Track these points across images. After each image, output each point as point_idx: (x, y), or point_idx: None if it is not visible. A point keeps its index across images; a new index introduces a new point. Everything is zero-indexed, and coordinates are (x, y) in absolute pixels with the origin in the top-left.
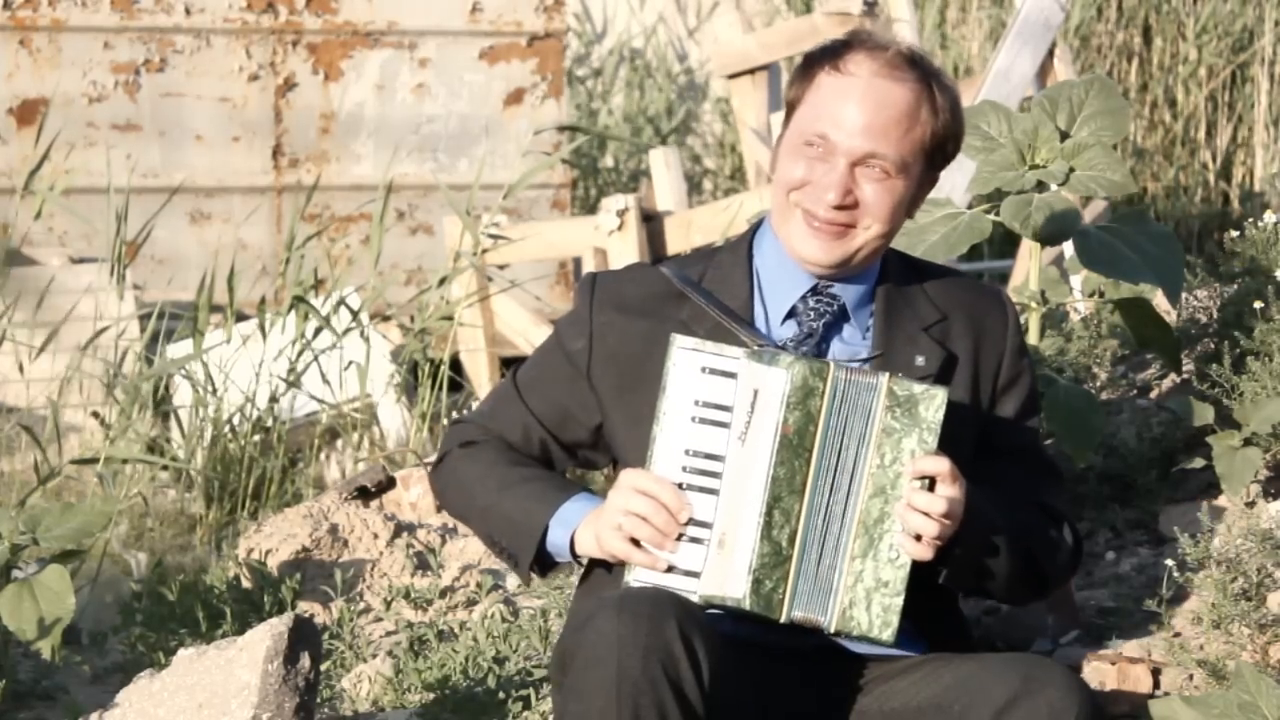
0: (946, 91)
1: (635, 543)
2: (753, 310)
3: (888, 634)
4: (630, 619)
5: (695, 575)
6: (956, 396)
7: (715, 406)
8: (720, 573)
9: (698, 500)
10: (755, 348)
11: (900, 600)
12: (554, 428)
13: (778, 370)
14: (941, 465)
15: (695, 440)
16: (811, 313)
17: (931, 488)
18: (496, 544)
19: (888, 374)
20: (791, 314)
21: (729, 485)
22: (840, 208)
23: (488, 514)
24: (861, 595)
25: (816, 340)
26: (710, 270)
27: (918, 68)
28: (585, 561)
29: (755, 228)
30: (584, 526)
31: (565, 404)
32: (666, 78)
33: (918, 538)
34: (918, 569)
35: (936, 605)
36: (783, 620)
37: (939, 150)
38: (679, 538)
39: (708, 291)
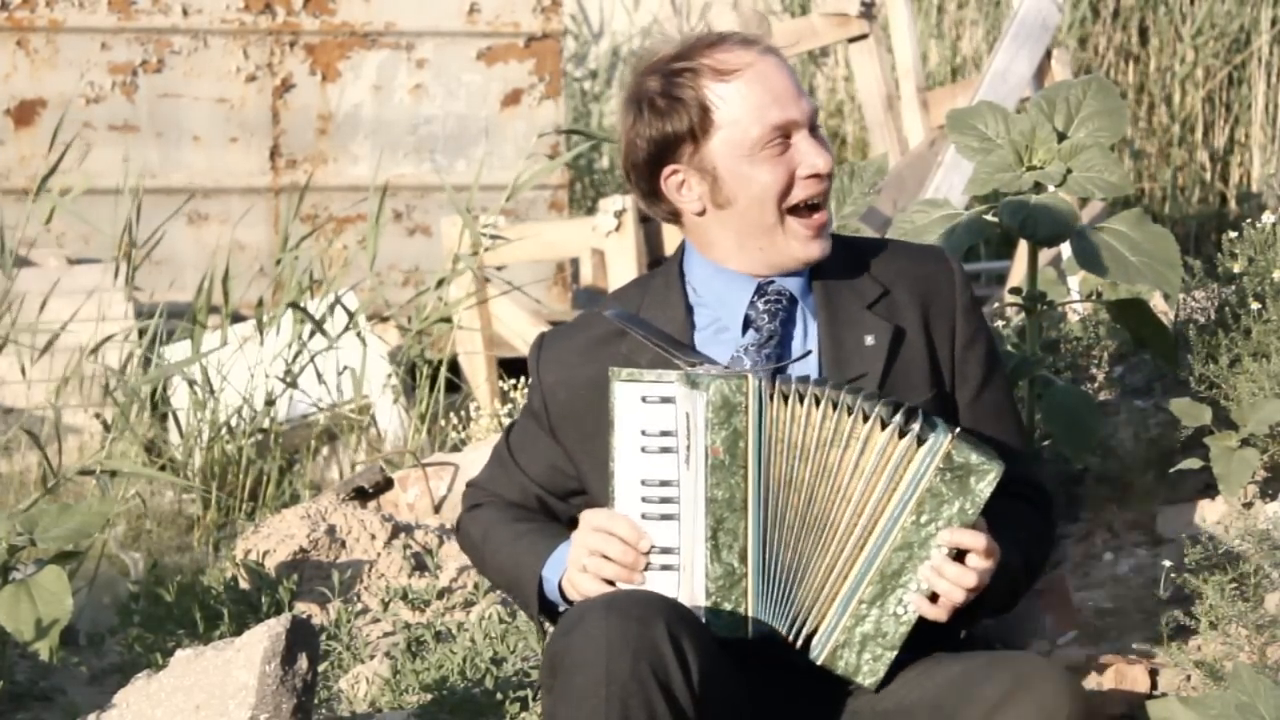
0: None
1: (612, 581)
2: (693, 328)
3: (870, 681)
4: (619, 621)
5: None
6: (916, 367)
7: (661, 433)
8: (688, 597)
9: (662, 528)
10: (686, 369)
11: (893, 654)
12: (546, 483)
13: (698, 393)
14: (979, 541)
15: (648, 470)
16: (765, 315)
17: (960, 557)
18: (514, 599)
19: (950, 435)
20: (748, 323)
21: (684, 510)
22: (829, 174)
23: (497, 572)
24: (856, 638)
25: (778, 341)
26: (646, 298)
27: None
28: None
29: (681, 251)
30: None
31: (549, 459)
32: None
33: (933, 597)
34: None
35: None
36: (750, 636)
37: None
38: (647, 567)
39: (644, 321)
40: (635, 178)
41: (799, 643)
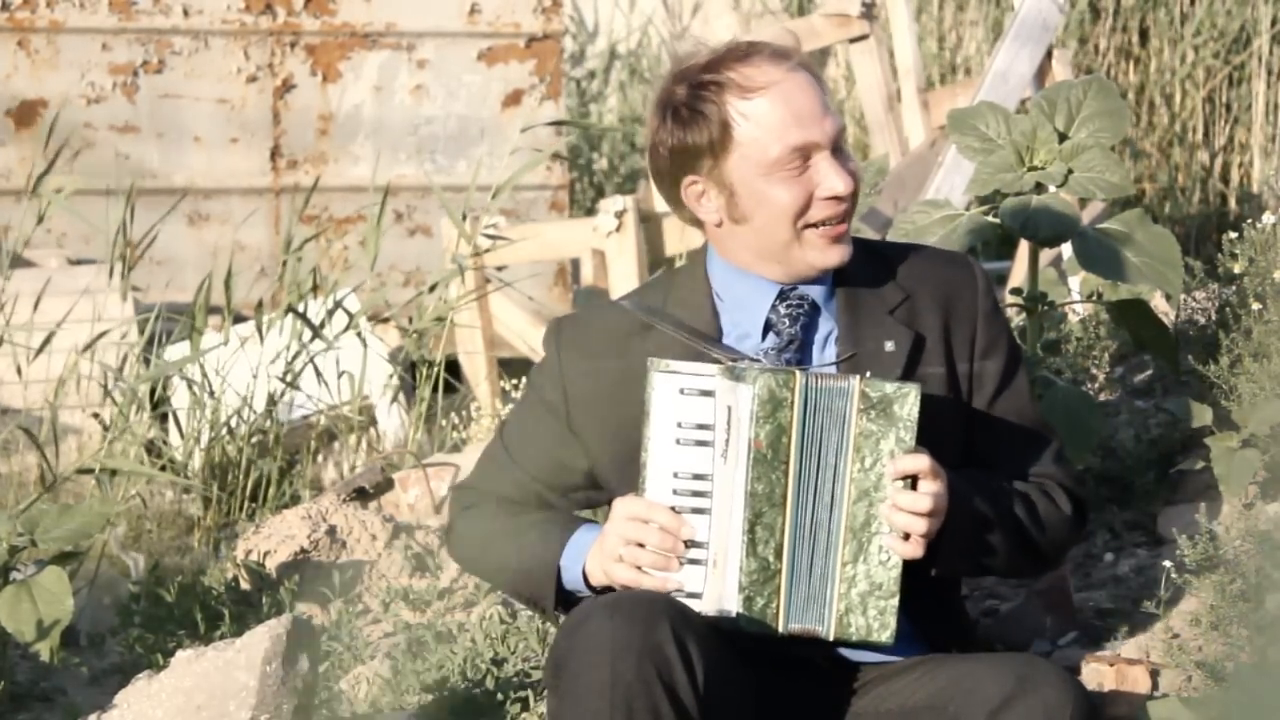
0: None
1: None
2: (720, 329)
3: (885, 635)
4: (624, 622)
5: (697, 597)
6: (934, 374)
7: (697, 426)
8: (717, 592)
9: (692, 521)
10: (728, 363)
11: (895, 601)
12: (547, 479)
13: (744, 386)
14: (921, 463)
15: (682, 462)
16: (786, 320)
17: (914, 486)
18: (520, 595)
19: (858, 376)
20: (769, 327)
21: (718, 504)
22: (850, 195)
23: (504, 569)
24: (856, 600)
25: (798, 346)
26: (670, 297)
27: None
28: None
29: (704, 253)
30: (590, 558)
31: (554, 454)
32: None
33: (905, 536)
34: (912, 564)
35: (938, 606)
36: (781, 633)
37: None
38: (679, 560)
39: (672, 316)
40: (658, 182)
41: (830, 637)
